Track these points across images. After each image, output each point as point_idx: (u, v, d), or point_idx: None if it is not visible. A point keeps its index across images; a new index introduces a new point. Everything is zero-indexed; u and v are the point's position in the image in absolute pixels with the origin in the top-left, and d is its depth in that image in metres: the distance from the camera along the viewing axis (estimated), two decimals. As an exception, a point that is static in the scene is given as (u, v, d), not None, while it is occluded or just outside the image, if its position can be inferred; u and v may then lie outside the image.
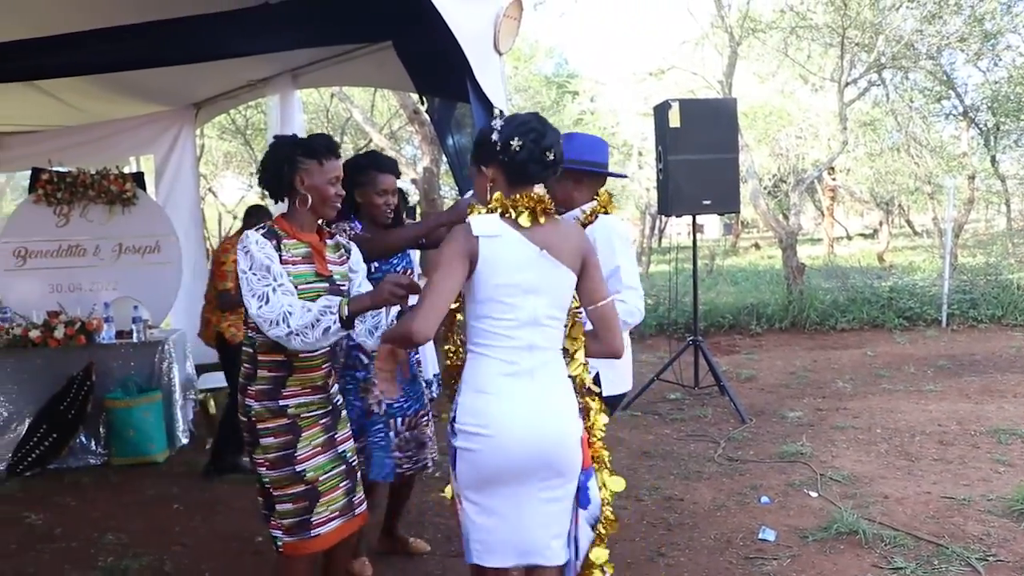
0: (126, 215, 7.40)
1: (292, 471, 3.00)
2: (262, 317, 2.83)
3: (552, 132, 2.67)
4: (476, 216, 2.67)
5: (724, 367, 9.03)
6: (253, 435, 3.00)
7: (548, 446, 2.62)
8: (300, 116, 7.45)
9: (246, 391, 3.02)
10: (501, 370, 2.62)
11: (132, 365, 6.47)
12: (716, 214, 8.01)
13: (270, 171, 3.04)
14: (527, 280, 2.62)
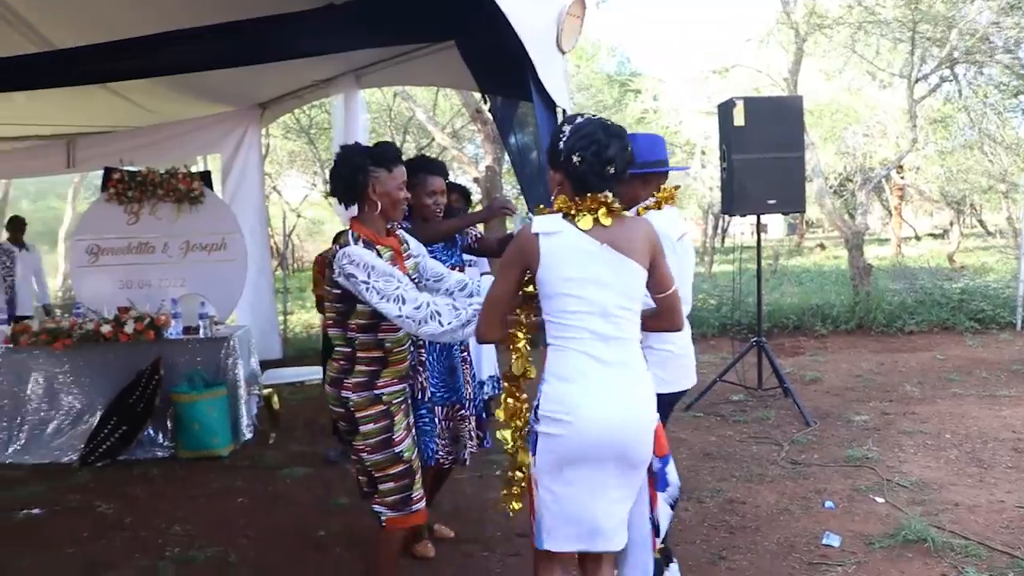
0: (193, 213, 7.56)
1: (392, 453, 3.26)
2: (411, 318, 3.01)
3: (616, 143, 2.75)
4: (539, 216, 2.81)
5: (788, 369, 8.90)
6: (352, 424, 3.25)
7: (625, 435, 2.73)
8: (363, 115, 7.51)
9: (342, 384, 3.24)
10: (582, 360, 2.73)
11: (198, 360, 6.58)
12: (780, 214, 7.91)
13: (344, 180, 3.22)
14: (592, 273, 2.72)
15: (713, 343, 10.84)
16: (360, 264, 3.05)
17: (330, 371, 3.30)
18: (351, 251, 3.09)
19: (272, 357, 8.60)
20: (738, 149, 7.27)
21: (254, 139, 8.76)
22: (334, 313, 3.25)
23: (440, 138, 15.75)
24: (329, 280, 3.22)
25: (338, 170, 3.23)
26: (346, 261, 3.07)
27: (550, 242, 2.73)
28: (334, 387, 3.27)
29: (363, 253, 3.07)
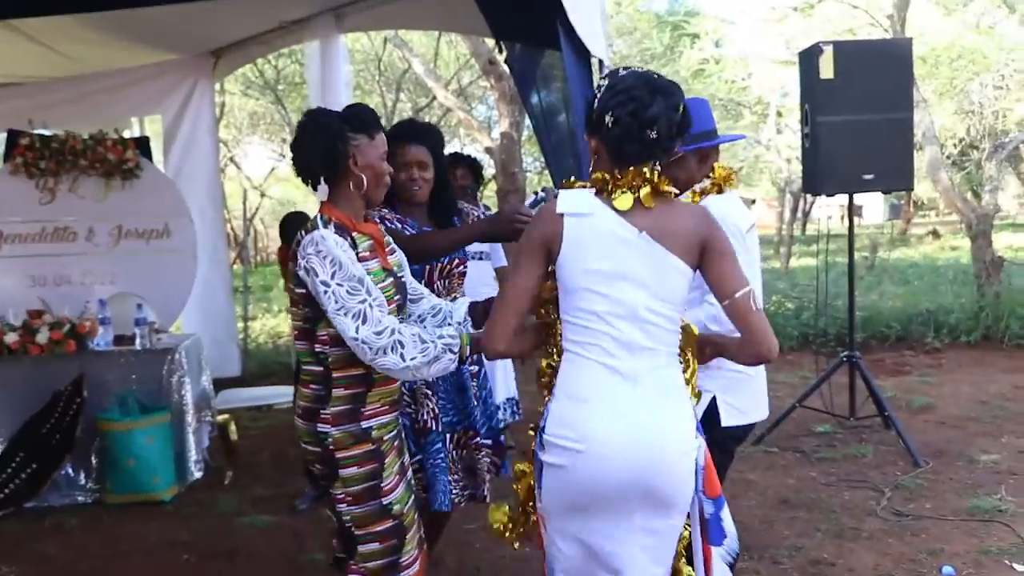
0: (127, 191, 7.52)
1: (379, 505, 3.24)
2: (367, 344, 3.02)
3: (661, 101, 2.76)
4: (566, 192, 2.86)
5: (890, 392, 8.82)
6: (331, 466, 3.21)
7: (651, 467, 2.75)
8: (346, 67, 7.49)
9: (317, 416, 3.21)
10: (598, 373, 2.77)
11: (133, 378, 6.54)
12: (880, 192, 7.83)
13: (322, 151, 3.20)
14: (622, 266, 2.76)
15: (791, 358, 10.78)
16: (327, 258, 3.06)
17: (300, 399, 3.28)
18: (320, 237, 3.10)
19: (229, 374, 8.58)
20: (825, 109, 7.21)
21: (205, 96, 8.76)
22: (300, 320, 3.23)
23: (443, 97, 15.77)
24: (293, 276, 3.21)
25: (312, 139, 3.22)
26: (312, 250, 3.08)
27: (577, 225, 2.77)
28: (307, 420, 3.24)
29: (333, 245, 3.09)
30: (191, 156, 8.76)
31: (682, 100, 2.80)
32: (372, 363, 3.05)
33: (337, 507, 3.25)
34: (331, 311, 3.05)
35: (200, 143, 8.82)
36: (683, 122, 2.81)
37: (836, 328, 10.77)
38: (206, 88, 8.77)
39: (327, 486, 3.27)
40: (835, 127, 7.20)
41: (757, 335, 2.82)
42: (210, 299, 8.68)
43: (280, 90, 19.95)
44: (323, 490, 3.32)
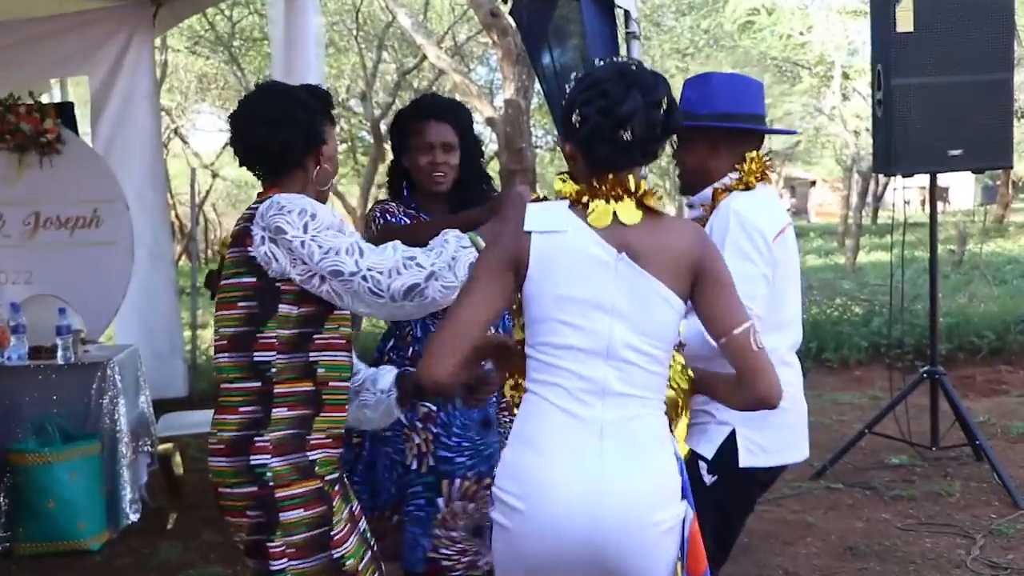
0: (45, 169, 7.53)
1: (329, 559, 3.17)
2: (374, 269, 3.08)
3: (635, 95, 2.76)
4: (535, 205, 2.92)
5: (982, 416, 8.84)
6: (268, 511, 3.12)
7: (610, 542, 2.74)
8: (316, 20, 7.48)
9: (251, 446, 3.14)
10: (556, 419, 2.79)
11: (54, 399, 6.52)
12: (971, 171, 7.79)
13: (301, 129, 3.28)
14: (598, 293, 2.78)
15: (859, 374, 10.80)
16: (294, 211, 3.10)
17: (222, 429, 3.21)
18: (282, 198, 3.15)
19: (173, 394, 8.56)
20: (903, 70, 7.18)
21: (143, 53, 8.72)
22: (235, 324, 3.19)
23: (435, 57, 15.74)
24: (232, 264, 3.22)
25: (290, 115, 3.27)
26: (274, 211, 3.11)
27: (547, 244, 2.79)
28: (232, 455, 3.16)
29: (300, 199, 3.15)
30: (126, 127, 8.70)
31: (666, 95, 2.80)
32: (389, 292, 3.07)
33: (272, 565, 3.13)
34: (317, 258, 3.06)
35: (137, 111, 8.77)
36: (670, 121, 2.81)
37: (915, 338, 10.79)
38: (144, 43, 8.73)
39: (264, 538, 3.14)
40: (915, 91, 7.16)
41: (758, 377, 2.84)
42: (150, 303, 8.65)
43: (235, 47, 19.97)
44: (253, 553, 3.19)
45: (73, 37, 8.54)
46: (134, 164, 8.56)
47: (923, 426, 7.86)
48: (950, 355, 11.11)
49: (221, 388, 3.25)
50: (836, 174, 26.97)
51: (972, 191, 40.19)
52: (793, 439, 3.77)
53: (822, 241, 29.53)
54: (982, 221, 27.05)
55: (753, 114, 3.80)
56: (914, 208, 16.81)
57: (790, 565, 5.72)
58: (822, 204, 50.95)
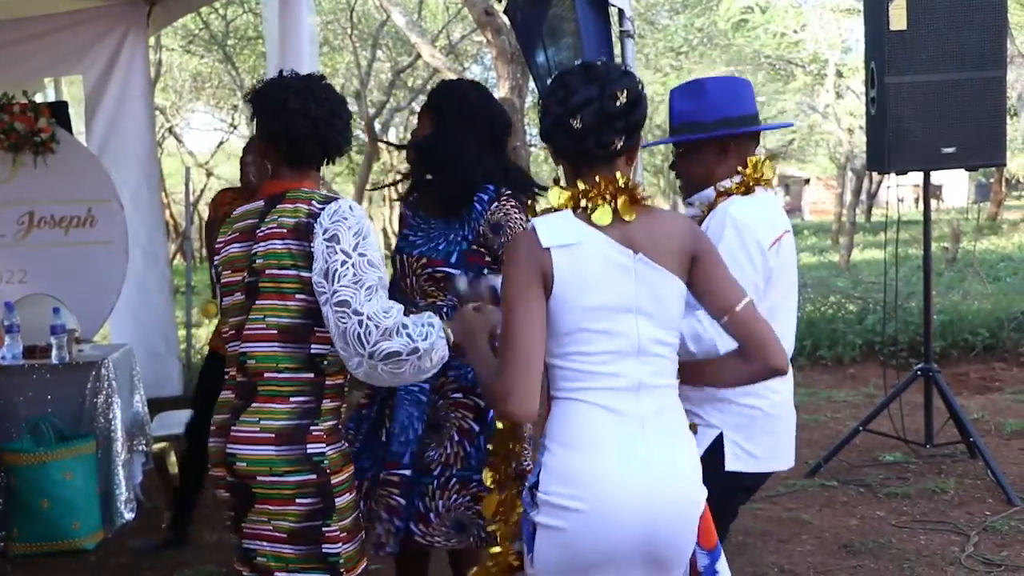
0: (40, 168, 7.51)
1: (363, 539, 3.46)
2: (373, 321, 3.10)
3: (590, 88, 2.88)
4: (541, 219, 2.96)
5: (976, 414, 8.84)
6: (327, 496, 3.28)
7: (662, 525, 2.87)
8: (310, 19, 7.46)
9: (306, 435, 3.27)
10: (600, 417, 2.88)
11: (48, 399, 6.48)
12: (964, 169, 7.79)
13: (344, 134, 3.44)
14: (625, 297, 2.88)
15: (853, 372, 10.81)
16: (352, 229, 3.19)
17: (269, 417, 3.27)
18: (348, 207, 3.25)
19: (168, 393, 8.55)
20: (896, 68, 7.18)
21: (137, 52, 8.71)
22: (292, 316, 3.26)
23: (429, 55, 15.73)
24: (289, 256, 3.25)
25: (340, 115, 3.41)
26: (339, 218, 3.20)
27: (568, 258, 2.86)
28: (287, 443, 3.24)
29: (362, 215, 3.25)
30: (120, 126, 8.69)
31: (627, 90, 2.88)
32: (373, 348, 3.09)
33: (330, 549, 3.27)
34: (343, 283, 3.12)
35: (131, 110, 8.76)
36: (631, 115, 2.90)
37: (909, 335, 10.80)
38: (138, 42, 8.72)
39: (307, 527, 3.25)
40: (908, 89, 7.17)
41: (767, 346, 2.96)
42: (145, 302, 8.64)
43: (229, 46, 19.95)
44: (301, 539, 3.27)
45: (67, 36, 8.53)
46: (128, 163, 8.55)
47: (917, 423, 7.86)
48: (944, 352, 11.12)
49: (264, 377, 3.30)
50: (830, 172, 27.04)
51: (966, 189, 40.27)
52: (781, 447, 3.77)
53: (816, 239, 29.56)
54: (976, 219, 27.12)
55: (753, 114, 3.83)
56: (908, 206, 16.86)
57: (785, 563, 5.72)
58: (816, 202, 51.04)
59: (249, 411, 3.30)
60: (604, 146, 2.90)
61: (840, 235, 23.19)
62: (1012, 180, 34.14)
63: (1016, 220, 30.00)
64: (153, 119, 9.49)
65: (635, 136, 2.96)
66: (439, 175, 4.21)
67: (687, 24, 21.84)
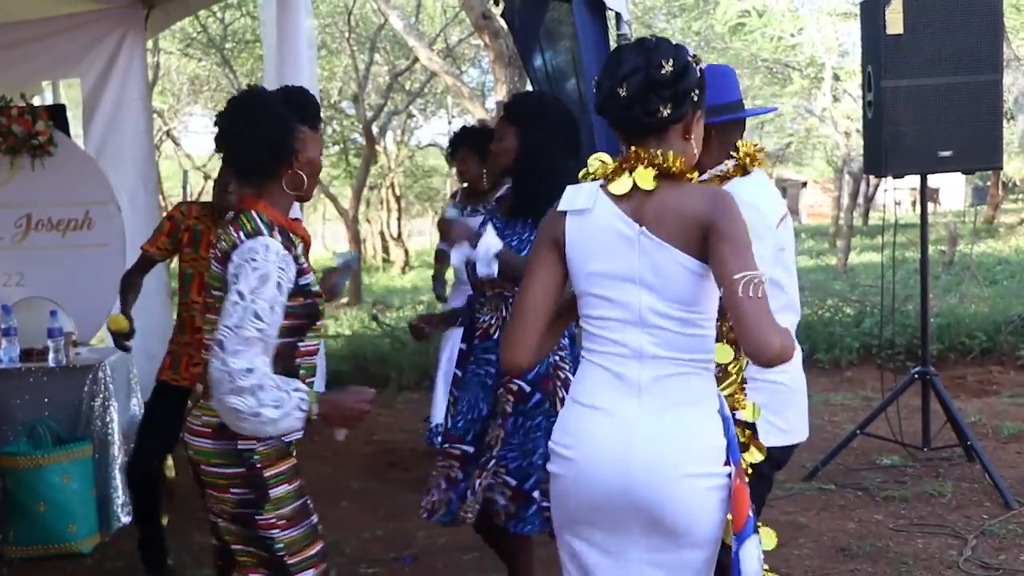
0: (37, 171, 7.49)
1: (311, 525, 3.55)
2: (231, 374, 3.13)
3: (635, 58, 2.99)
4: (574, 186, 3.12)
5: (973, 417, 8.84)
6: (259, 488, 3.43)
7: (643, 492, 2.95)
8: (308, 22, 7.46)
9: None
10: (603, 378, 3.06)
11: (45, 402, 6.50)
12: (961, 172, 7.80)
13: (270, 142, 3.38)
14: (626, 267, 2.99)
15: (851, 375, 10.81)
16: (258, 271, 3.23)
17: (208, 413, 3.42)
18: (265, 247, 3.27)
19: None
20: (893, 71, 7.19)
21: (135, 56, 8.68)
22: None
23: (427, 59, 15.71)
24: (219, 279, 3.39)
25: (259, 126, 3.39)
26: (246, 259, 3.25)
27: (578, 223, 3.05)
28: (220, 438, 3.40)
29: (274, 259, 3.27)
30: (118, 129, 8.65)
31: (672, 59, 2.96)
32: (219, 397, 3.16)
33: (266, 534, 3.42)
34: (224, 322, 3.20)
35: (129, 113, 8.73)
36: (678, 83, 2.97)
37: (906, 339, 10.80)
38: (136, 45, 8.69)
39: (255, 512, 3.41)
40: (905, 93, 7.17)
41: (751, 327, 2.83)
42: (142, 305, 8.53)
43: (227, 49, 19.94)
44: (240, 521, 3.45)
45: (65, 39, 8.50)
46: (126, 166, 8.52)
47: (915, 427, 7.87)
48: (941, 356, 11.12)
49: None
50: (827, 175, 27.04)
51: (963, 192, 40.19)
52: (802, 419, 3.93)
53: (813, 242, 29.55)
54: (973, 222, 27.11)
55: (735, 101, 3.89)
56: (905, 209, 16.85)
57: (782, 566, 5.70)
58: (813, 205, 51.03)
59: (199, 405, 3.49)
60: (650, 113, 2.97)
61: (837, 238, 23.18)
62: (1009, 183, 34.05)
63: (1013, 223, 29.98)
64: (151, 122, 9.47)
65: (684, 105, 3.00)
66: (527, 181, 4.53)
67: (684, 28, 21.85)
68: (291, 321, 3.37)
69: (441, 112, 27.37)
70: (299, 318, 3.40)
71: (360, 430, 8.28)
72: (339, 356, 10.92)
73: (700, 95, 3.06)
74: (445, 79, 16.10)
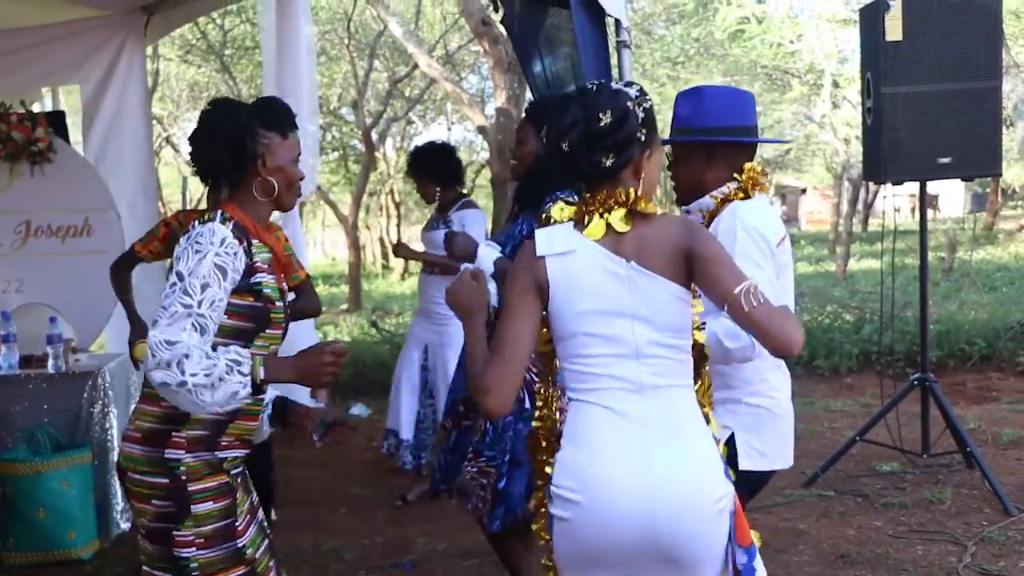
0: (37, 178, 7.50)
1: (233, 548, 3.40)
2: (154, 348, 3.09)
3: (575, 111, 3.06)
4: (543, 231, 3.17)
5: (973, 424, 8.83)
6: (180, 502, 3.33)
7: (666, 527, 2.97)
8: (308, 28, 7.45)
9: (168, 439, 3.35)
10: (603, 417, 3.05)
11: (45, 409, 6.51)
12: (960, 179, 7.78)
13: (224, 144, 3.41)
14: (617, 303, 3.04)
15: (850, 381, 10.80)
16: (199, 252, 3.22)
17: (141, 418, 3.41)
18: (210, 231, 3.27)
19: (163, 403, 8.52)
20: (892, 78, 7.18)
21: (135, 62, 8.67)
22: None
23: (426, 65, 15.70)
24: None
25: (216, 133, 3.43)
26: (193, 240, 3.27)
27: (561, 266, 3.07)
28: (149, 444, 3.36)
29: (215, 244, 3.25)
30: (117, 136, 8.63)
31: (609, 110, 3.02)
32: (148, 374, 3.13)
33: (180, 553, 3.31)
34: (162, 303, 3.18)
35: (128, 120, 8.72)
36: (611, 132, 3.02)
37: (905, 345, 10.78)
38: (136, 52, 8.68)
39: (161, 528, 3.33)
40: (904, 100, 7.17)
41: (766, 332, 2.98)
42: (141, 311, 8.60)
43: (227, 56, 19.93)
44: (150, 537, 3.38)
45: (64, 46, 8.50)
46: (126, 173, 8.50)
47: (914, 433, 7.87)
48: (940, 362, 11.13)
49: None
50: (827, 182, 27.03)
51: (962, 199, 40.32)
52: (785, 445, 3.90)
53: (813, 249, 29.55)
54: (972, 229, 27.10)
55: (746, 126, 3.91)
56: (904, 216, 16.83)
57: (782, 573, 5.70)
58: (813, 212, 51.05)
59: (136, 410, 3.47)
60: (595, 164, 3.05)
61: (837, 245, 23.16)
62: (1008, 190, 34.12)
63: (1012, 230, 29.97)
64: (150, 128, 9.46)
65: (629, 150, 3.05)
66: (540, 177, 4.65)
67: (684, 34, 21.84)
68: (236, 321, 3.33)
69: (440, 118, 27.34)
70: (245, 319, 3.36)
71: (359, 437, 8.34)
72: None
73: (649, 132, 3.10)
74: (444, 85, 16.07)
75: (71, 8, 8.20)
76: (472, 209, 7.46)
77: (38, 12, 8.06)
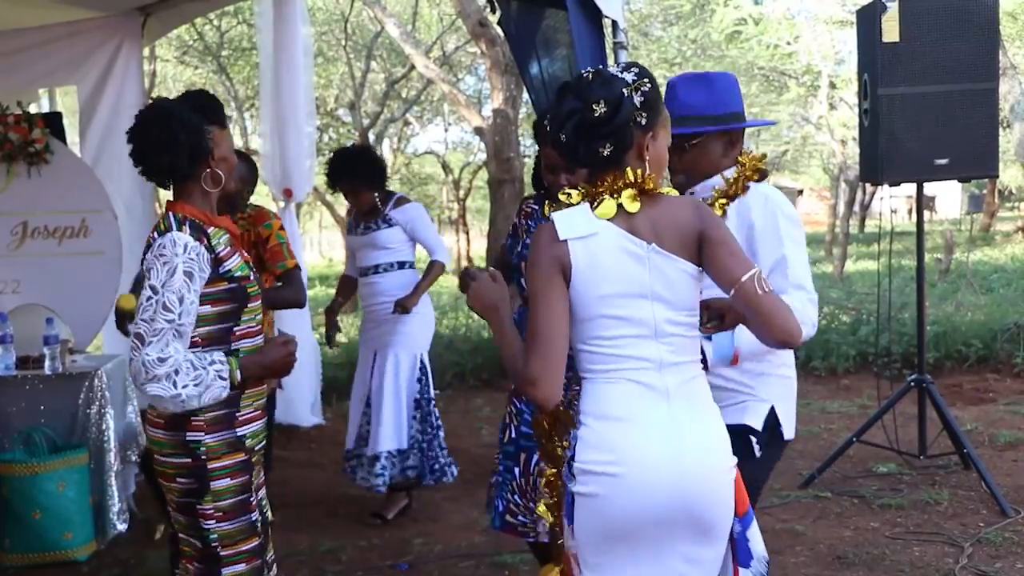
0: (34, 179, 7.48)
1: (249, 520, 3.70)
2: (146, 366, 3.42)
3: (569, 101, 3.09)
4: (560, 213, 3.15)
5: (969, 425, 8.83)
6: (200, 479, 3.61)
7: (694, 491, 3.04)
8: (305, 29, 7.47)
9: (188, 422, 3.59)
10: (631, 389, 3.07)
11: (41, 409, 6.50)
12: (957, 180, 7.77)
13: (186, 148, 3.59)
14: (638, 284, 3.07)
15: (847, 383, 10.80)
16: (167, 264, 3.47)
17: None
18: (172, 242, 3.50)
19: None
20: (889, 79, 7.18)
21: (132, 63, 8.68)
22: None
23: (423, 66, 15.74)
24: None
25: (176, 135, 3.57)
26: (157, 253, 3.51)
27: (584, 249, 3.06)
28: (171, 429, 3.62)
29: (180, 252, 3.49)
30: (114, 137, 8.59)
31: (600, 98, 3.03)
32: (140, 387, 3.47)
33: (205, 524, 3.61)
34: (142, 317, 3.46)
35: (125, 121, 8.50)
36: (606, 121, 3.03)
37: (902, 346, 10.81)
38: (133, 53, 8.69)
39: (186, 503, 3.63)
40: (901, 101, 7.17)
41: (771, 319, 3.05)
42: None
43: (224, 57, 19.93)
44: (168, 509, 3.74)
45: (61, 47, 8.51)
46: (122, 174, 8.47)
47: (911, 435, 7.85)
48: (937, 363, 11.12)
49: None
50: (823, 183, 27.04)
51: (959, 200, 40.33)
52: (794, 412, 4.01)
53: (810, 250, 29.16)
54: (969, 230, 27.18)
55: (736, 112, 3.98)
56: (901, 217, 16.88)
57: (779, 574, 5.70)
58: (809, 213, 51.02)
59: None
60: (594, 153, 3.07)
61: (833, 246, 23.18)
62: (1005, 191, 34.16)
63: (1009, 231, 29.99)
64: (147, 130, 9.45)
65: (627, 136, 3.06)
66: None
67: (681, 35, 21.86)
68: (220, 307, 3.60)
69: (438, 120, 27.39)
70: (227, 302, 3.62)
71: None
72: (336, 363, 10.87)
73: (650, 115, 3.09)
74: (441, 87, 16.09)
75: (68, 9, 8.20)
76: (414, 203, 7.31)
77: (35, 13, 8.06)
